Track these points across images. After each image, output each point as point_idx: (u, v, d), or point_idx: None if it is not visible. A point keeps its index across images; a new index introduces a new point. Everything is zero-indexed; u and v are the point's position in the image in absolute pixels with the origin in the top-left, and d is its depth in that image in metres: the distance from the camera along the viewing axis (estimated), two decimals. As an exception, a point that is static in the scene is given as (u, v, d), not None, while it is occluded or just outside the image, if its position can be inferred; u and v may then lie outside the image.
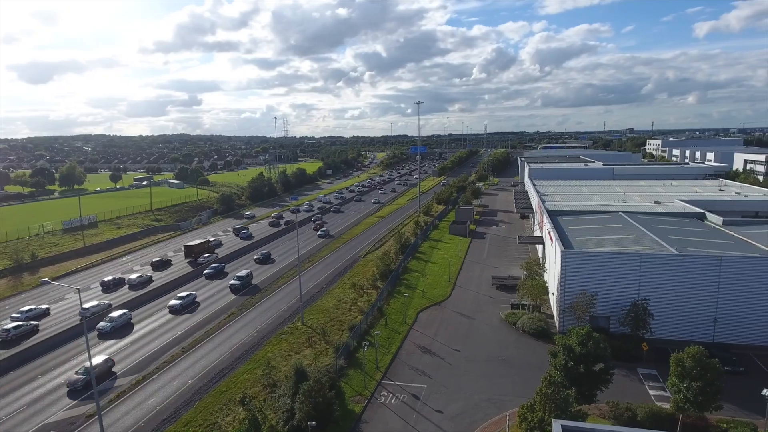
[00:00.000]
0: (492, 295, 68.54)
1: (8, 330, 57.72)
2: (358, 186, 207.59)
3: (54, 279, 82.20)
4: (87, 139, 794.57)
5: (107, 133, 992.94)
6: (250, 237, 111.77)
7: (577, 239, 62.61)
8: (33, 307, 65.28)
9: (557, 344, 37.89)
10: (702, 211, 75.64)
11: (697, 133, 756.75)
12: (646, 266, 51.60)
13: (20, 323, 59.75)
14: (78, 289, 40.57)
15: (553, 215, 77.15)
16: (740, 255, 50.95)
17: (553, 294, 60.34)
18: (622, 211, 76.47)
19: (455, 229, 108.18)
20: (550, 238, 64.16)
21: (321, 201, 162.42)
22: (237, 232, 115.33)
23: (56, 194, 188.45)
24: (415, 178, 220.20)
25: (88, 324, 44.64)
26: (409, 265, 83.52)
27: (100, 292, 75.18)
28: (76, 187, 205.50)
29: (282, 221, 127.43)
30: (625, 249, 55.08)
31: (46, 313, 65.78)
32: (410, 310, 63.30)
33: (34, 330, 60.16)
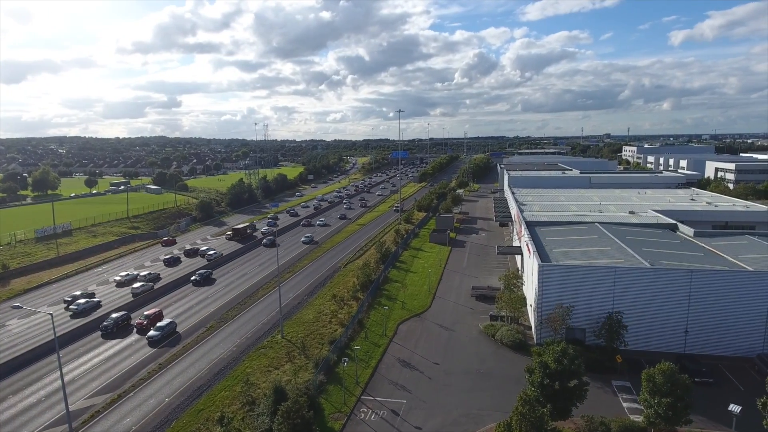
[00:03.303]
0: (471, 306, 69.21)
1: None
2: (319, 200, 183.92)
3: (26, 291, 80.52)
4: (61, 141, 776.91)
5: (83, 135, 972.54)
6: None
7: (554, 251, 63.70)
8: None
9: (534, 360, 38.52)
10: (674, 222, 77.69)
11: (671, 139, 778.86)
12: (620, 279, 52.80)
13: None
14: (51, 314, 39.18)
15: (531, 226, 78.30)
16: (710, 268, 52.50)
17: (530, 306, 61.22)
18: (598, 222, 78.05)
19: (436, 238, 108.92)
20: (528, 250, 65.10)
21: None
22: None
23: (29, 200, 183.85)
24: (380, 191, 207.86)
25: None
26: (390, 275, 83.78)
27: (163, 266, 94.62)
28: (49, 192, 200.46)
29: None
30: (600, 262, 56.29)
31: None
32: (390, 322, 63.52)
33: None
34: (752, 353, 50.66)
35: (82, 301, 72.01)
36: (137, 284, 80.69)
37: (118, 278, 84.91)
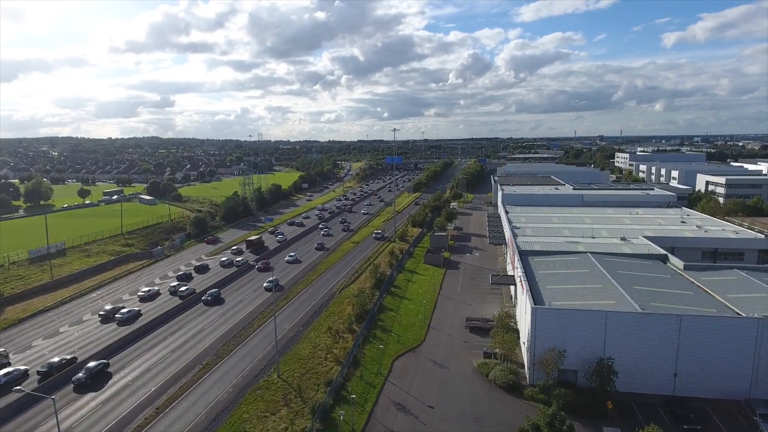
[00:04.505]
0: (465, 339, 69.97)
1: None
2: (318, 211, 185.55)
3: (21, 321, 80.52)
4: (53, 141, 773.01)
5: (75, 135, 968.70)
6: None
7: (547, 288, 64.65)
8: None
9: (526, 422, 39.38)
10: (665, 252, 78.96)
11: (663, 141, 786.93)
12: (611, 323, 53.89)
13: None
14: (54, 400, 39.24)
15: (524, 255, 79.39)
16: (698, 314, 53.62)
17: (523, 343, 62.15)
18: (590, 252, 79.19)
19: (430, 259, 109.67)
20: (522, 286, 66.06)
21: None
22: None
23: (21, 211, 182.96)
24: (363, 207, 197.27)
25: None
26: (385, 303, 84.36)
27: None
28: (42, 203, 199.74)
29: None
30: (591, 305, 57.29)
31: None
32: (386, 358, 64.19)
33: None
34: (740, 396, 51.86)
35: (125, 310, 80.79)
36: (183, 288, 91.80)
37: (141, 293, 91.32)
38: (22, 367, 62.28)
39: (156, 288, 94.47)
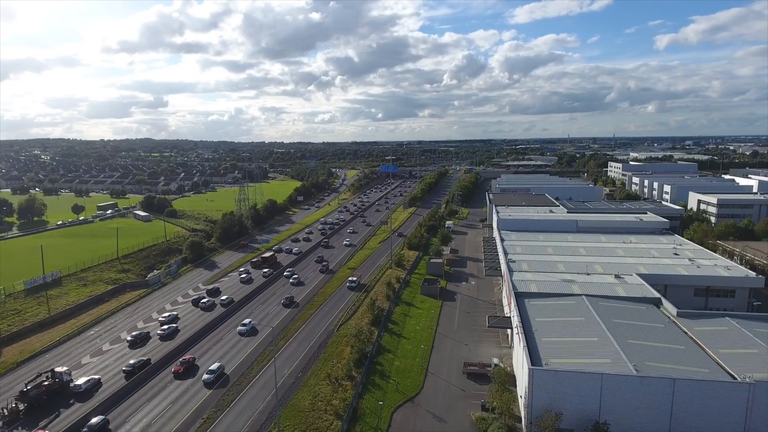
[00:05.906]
0: (463, 387, 70.80)
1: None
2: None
3: (19, 364, 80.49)
4: (45, 144, 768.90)
5: (66, 136, 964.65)
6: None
7: (544, 340, 65.69)
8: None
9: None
10: (658, 296, 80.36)
11: (656, 144, 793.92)
12: (607, 385, 55.04)
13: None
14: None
15: (520, 298, 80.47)
16: (692, 378, 54.87)
17: (521, 397, 63.13)
18: (585, 295, 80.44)
19: (426, 290, 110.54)
20: (518, 338, 67.02)
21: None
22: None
23: (15, 230, 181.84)
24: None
25: None
26: (383, 342, 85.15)
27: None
28: (35, 219, 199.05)
29: None
30: (587, 364, 58.37)
31: None
32: (385, 410, 64.95)
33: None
34: (732, 458, 53.16)
35: (165, 326, 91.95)
36: (224, 297, 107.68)
37: (161, 318, 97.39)
38: (96, 376, 73.13)
39: (175, 313, 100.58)
